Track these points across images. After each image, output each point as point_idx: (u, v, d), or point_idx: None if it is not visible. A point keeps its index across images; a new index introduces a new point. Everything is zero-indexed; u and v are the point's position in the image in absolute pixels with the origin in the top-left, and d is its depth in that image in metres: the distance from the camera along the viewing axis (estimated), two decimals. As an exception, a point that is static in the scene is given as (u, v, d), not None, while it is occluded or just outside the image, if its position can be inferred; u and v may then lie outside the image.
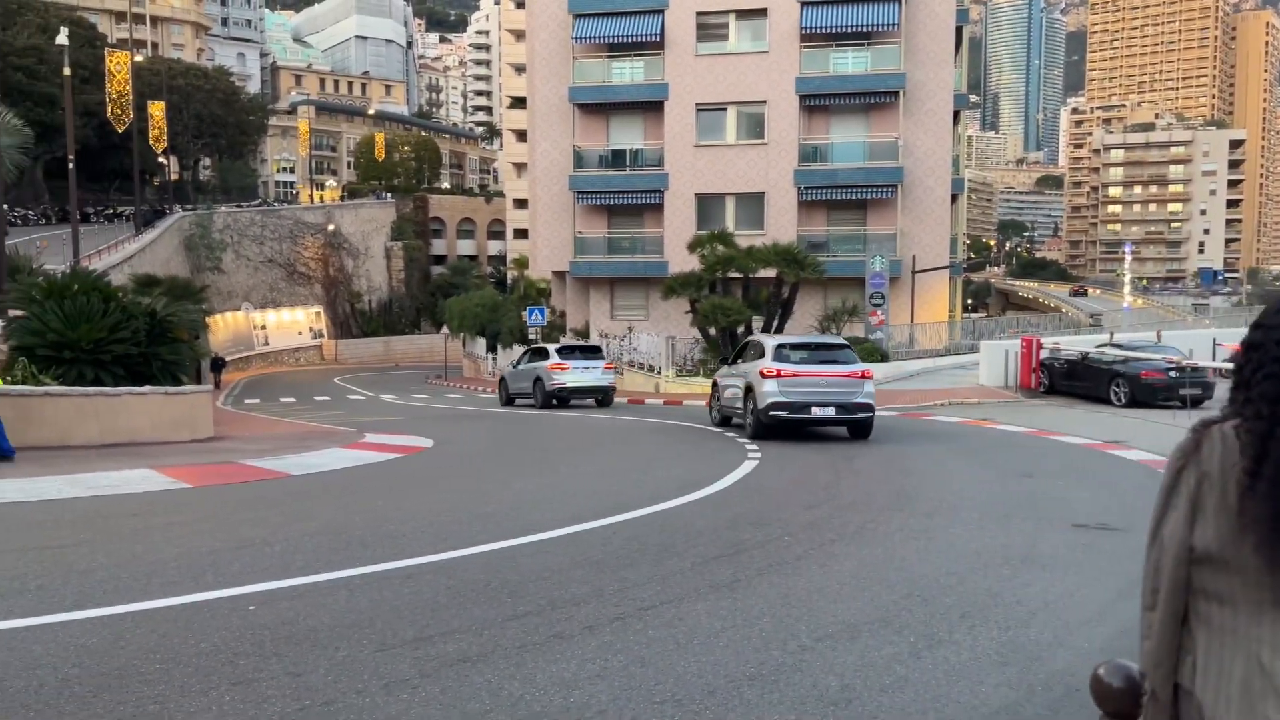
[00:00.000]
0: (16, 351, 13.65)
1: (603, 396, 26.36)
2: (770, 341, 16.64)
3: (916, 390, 26.25)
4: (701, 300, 29.60)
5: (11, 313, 15.15)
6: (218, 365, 43.12)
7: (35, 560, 6.69)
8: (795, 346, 16.42)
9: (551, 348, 27.25)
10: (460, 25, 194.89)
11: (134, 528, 8.00)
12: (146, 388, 13.52)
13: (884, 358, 29.85)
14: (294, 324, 74.25)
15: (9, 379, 12.47)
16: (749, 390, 16.20)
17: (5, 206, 17.39)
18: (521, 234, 77.36)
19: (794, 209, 38.48)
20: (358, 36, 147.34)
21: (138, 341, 14.43)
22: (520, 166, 79.74)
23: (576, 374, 25.70)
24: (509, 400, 28.11)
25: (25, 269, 18.49)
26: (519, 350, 34.57)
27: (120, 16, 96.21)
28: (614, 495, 10.12)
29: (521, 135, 72.93)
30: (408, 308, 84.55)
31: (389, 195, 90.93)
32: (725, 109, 39.16)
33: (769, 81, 38.19)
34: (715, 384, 19.35)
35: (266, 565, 6.61)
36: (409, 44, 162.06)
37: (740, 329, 29.32)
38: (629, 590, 6.08)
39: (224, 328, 61.97)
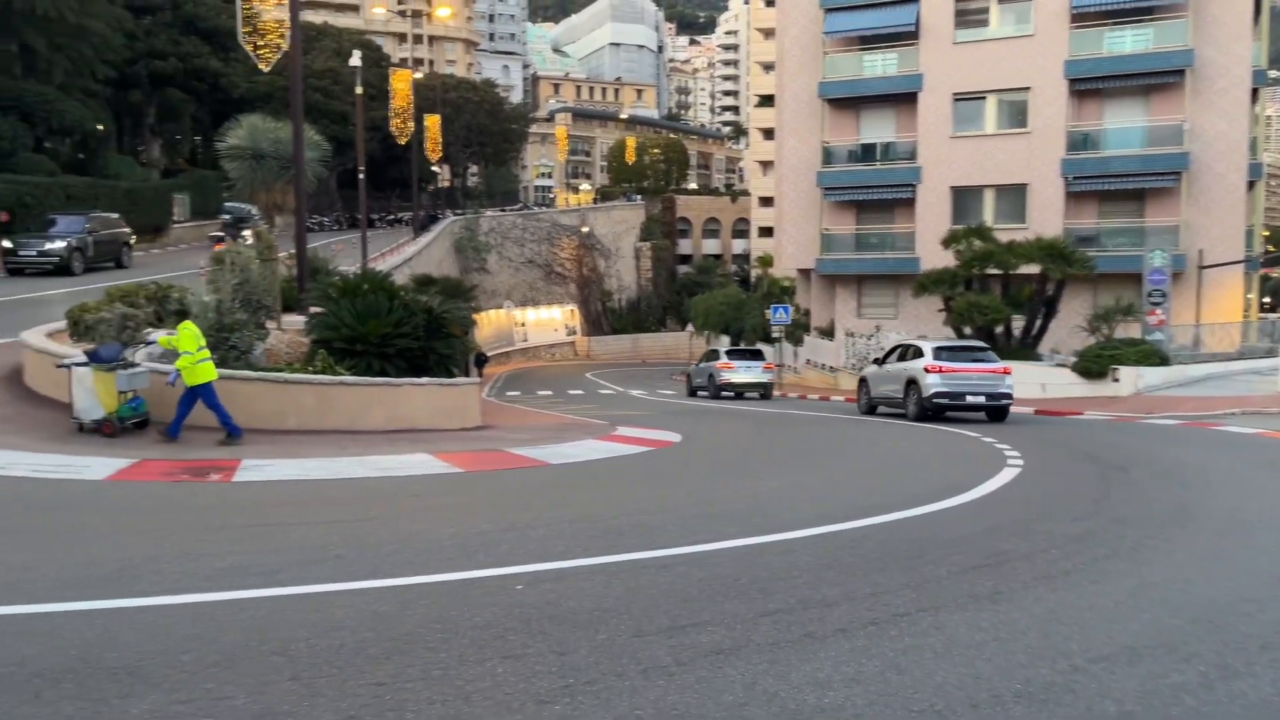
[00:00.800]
0: (316, 344, 15.24)
1: (763, 391, 31.01)
2: (929, 345, 21.01)
3: (1202, 397, 23.88)
4: (956, 298, 28.37)
5: (312, 310, 16.90)
6: (481, 360, 46.09)
7: (334, 532, 7.45)
8: (949, 349, 20.80)
9: (721, 349, 33.36)
10: (709, 27, 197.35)
11: (416, 507, 8.71)
12: (424, 379, 14.68)
13: (1163, 360, 27.34)
14: (550, 321, 78.14)
15: (311, 369, 13.95)
16: (911, 383, 20.49)
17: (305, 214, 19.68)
18: (766, 232, 77.32)
19: (1060, 201, 36.05)
20: (611, 44, 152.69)
21: (417, 336, 15.72)
22: (766, 164, 79.71)
23: (741, 372, 30.66)
24: (691, 392, 33.27)
25: (323, 270, 20.60)
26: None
27: (402, 38, 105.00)
28: (864, 496, 9.93)
29: (769, 133, 72.85)
30: (654, 306, 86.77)
31: (638, 197, 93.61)
32: (984, 97, 37.29)
33: (1034, 66, 35.96)
34: (864, 380, 23.85)
35: (531, 548, 7.01)
36: (659, 48, 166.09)
37: (999, 329, 27.88)
38: (882, 595, 5.95)
39: (488, 325, 66.16)
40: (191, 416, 11.61)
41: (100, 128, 46.19)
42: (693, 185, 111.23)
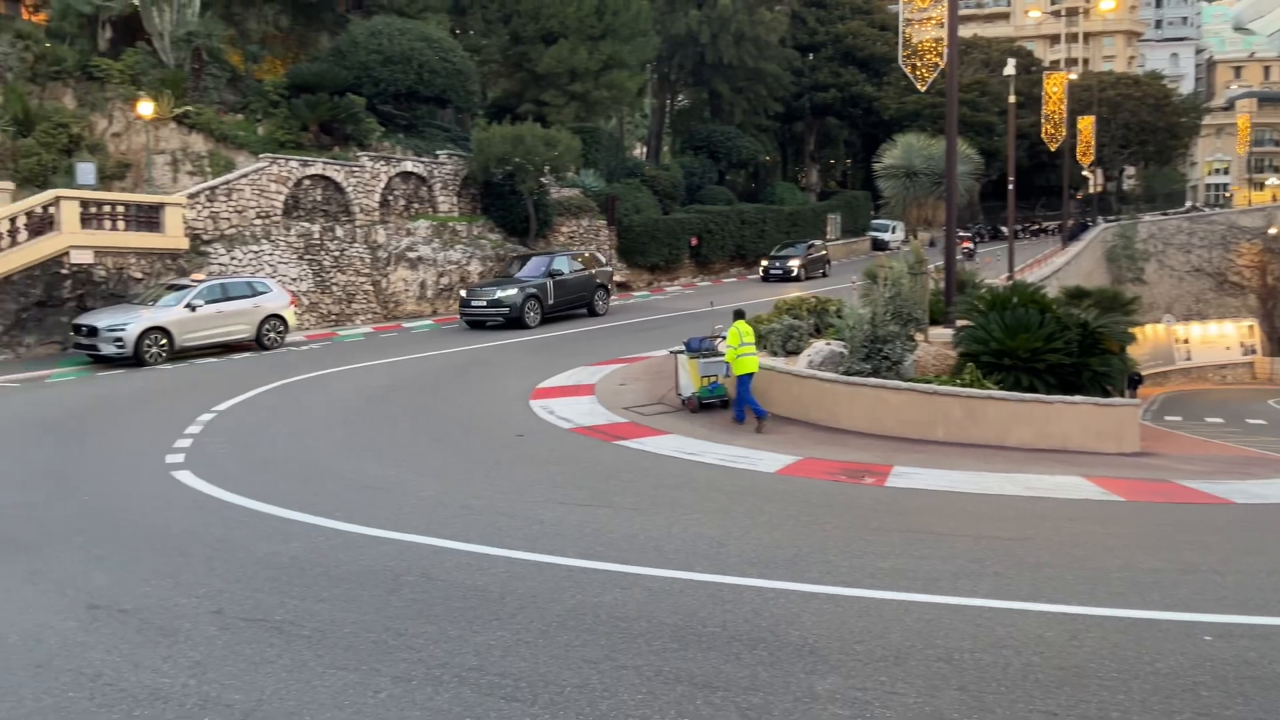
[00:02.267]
0: (964, 357, 15.24)
1: None
2: None
3: None
4: None
5: (959, 323, 16.95)
6: (1134, 381, 41.97)
7: (988, 548, 7.36)
8: None
9: None
10: None
11: (1072, 532, 8.22)
12: (1077, 397, 13.81)
13: None
14: (1220, 338, 68.19)
15: (958, 381, 14.00)
16: None
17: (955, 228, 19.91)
18: None
19: None
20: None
21: (1070, 352, 14.85)
22: None
23: None
24: None
25: (969, 283, 20.56)
26: None
27: (1053, 40, 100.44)
28: None
29: None
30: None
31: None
32: None
33: None
34: None
35: (1218, 595, 6.17)
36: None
37: None
38: None
39: (1144, 341, 60.03)
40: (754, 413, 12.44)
41: (767, 158, 51.95)
42: None
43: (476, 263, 30.35)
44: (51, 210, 21.34)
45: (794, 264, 38.21)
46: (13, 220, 20.81)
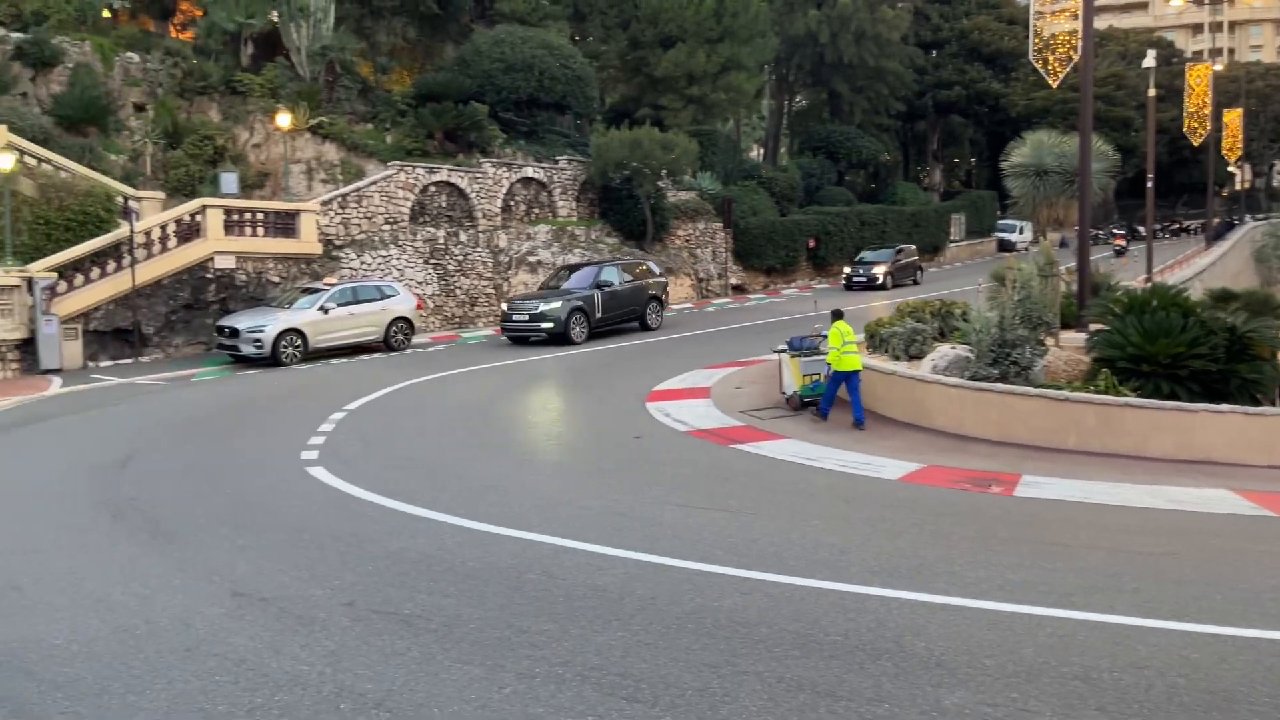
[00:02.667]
0: (1098, 363, 14.57)
1: None
2: None
3: None
4: None
5: (1093, 326, 16.23)
6: (1286, 387, 39.47)
7: (1126, 563, 7.02)
8: None
9: None
10: None
11: (1219, 548, 7.78)
12: (1224, 406, 13.04)
13: None
14: (1383, 344, 63.47)
15: (1092, 388, 13.41)
16: None
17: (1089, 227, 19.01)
18: None
19: None
20: None
21: (1216, 358, 14.03)
22: None
23: None
24: None
25: (1104, 285, 19.68)
26: None
27: (1196, 29, 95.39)
28: None
29: None
30: None
31: None
32: None
33: None
34: None
35: (1386, 622, 5.73)
36: None
37: None
38: None
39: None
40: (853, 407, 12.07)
41: (887, 158, 50.89)
42: None
43: (594, 266, 30.72)
44: (198, 218, 22.58)
45: (879, 270, 34.36)
46: (163, 228, 22.11)
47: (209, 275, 22.41)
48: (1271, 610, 5.88)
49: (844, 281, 35.01)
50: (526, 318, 22.17)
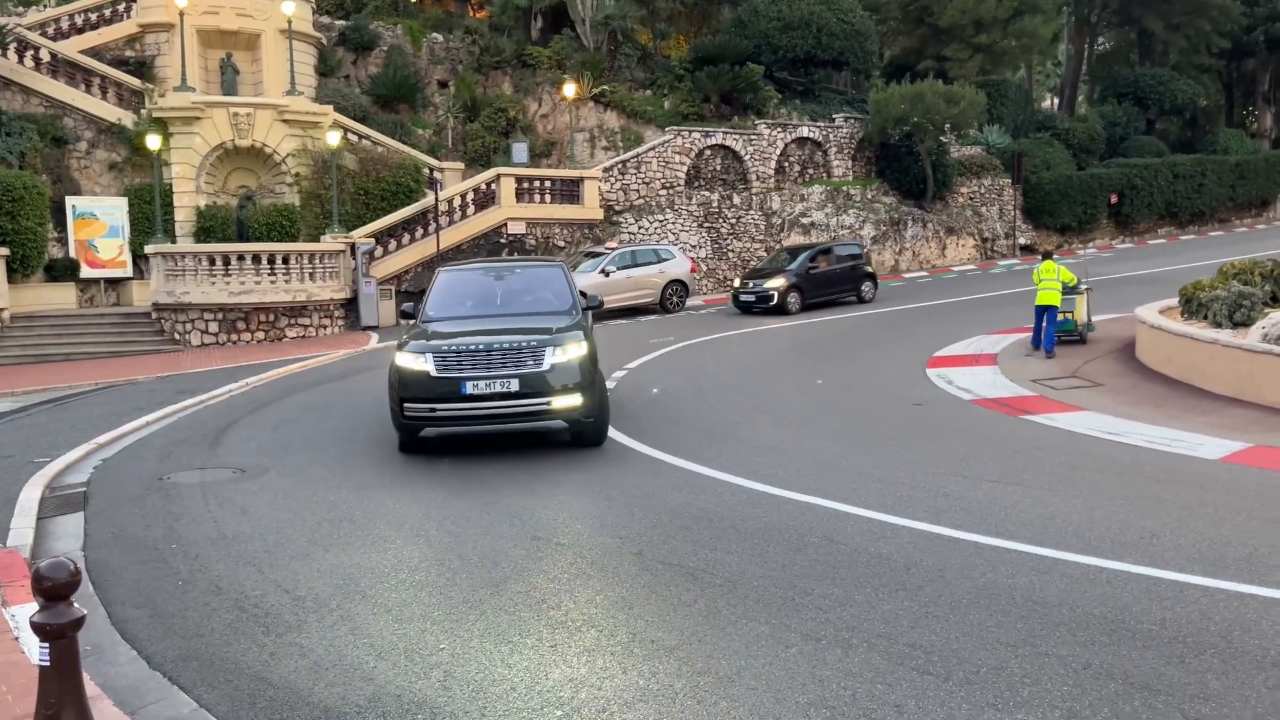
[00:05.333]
0: None
1: None
2: None
3: None
4: None
5: None
6: None
7: None
8: None
9: None
10: None
11: None
12: None
13: None
14: None
15: None
16: None
17: None
18: None
19: None
20: None
21: None
22: None
23: None
24: None
25: None
26: None
27: None
28: None
29: None
30: None
31: None
32: None
33: None
34: None
35: None
36: None
37: None
38: None
39: None
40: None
41: (1205, 103, 45.41)
42: None
43: (870, 227, 29.88)
44: (493, 186, 24.17)
45: (774, 286, 22.65)
46: (463, 196, 23.87)
47: (502, 240, 23.95)
48: None
49: (731, 299, 24.22)
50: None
